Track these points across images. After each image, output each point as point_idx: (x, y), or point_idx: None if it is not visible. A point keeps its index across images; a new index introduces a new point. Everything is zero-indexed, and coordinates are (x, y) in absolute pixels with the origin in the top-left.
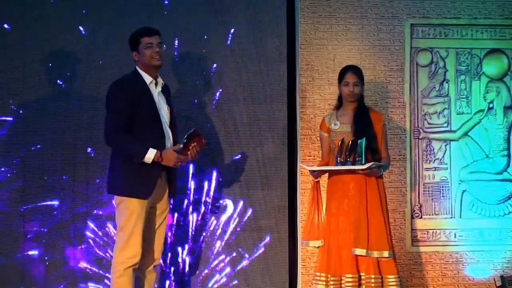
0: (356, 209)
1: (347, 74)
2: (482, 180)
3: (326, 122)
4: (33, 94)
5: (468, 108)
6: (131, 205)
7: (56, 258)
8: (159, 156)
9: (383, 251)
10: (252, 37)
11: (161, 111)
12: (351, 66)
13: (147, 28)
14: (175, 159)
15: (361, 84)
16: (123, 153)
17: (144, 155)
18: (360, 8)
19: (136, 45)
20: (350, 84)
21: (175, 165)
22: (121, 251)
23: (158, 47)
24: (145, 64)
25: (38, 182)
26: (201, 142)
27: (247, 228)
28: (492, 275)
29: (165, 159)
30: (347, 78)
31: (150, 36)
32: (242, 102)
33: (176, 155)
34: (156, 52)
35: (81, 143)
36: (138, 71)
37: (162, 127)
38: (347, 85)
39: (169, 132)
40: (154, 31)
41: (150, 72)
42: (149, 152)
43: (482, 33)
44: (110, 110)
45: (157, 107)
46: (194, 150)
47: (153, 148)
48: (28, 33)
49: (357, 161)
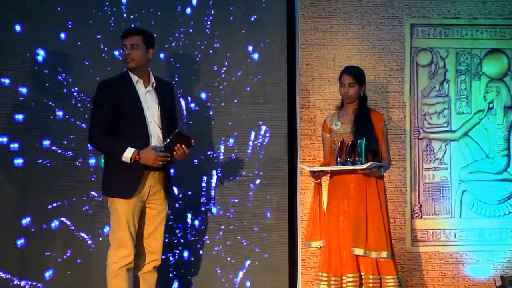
0: (356, 209)
1: (343, 75)
2: (482, 180)
3: (327, 123)
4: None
5: (468, 108)
6: (119, 206)
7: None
8: (136, 155)
9: (381, 252)
10: (252, 37)
11: (148, 110)
12: (347, 67)
13: (126, 29)
14: (153, 157)
15: (358, 84)
16: (104, 153)
17: (122, 154)
18: (360, 8)
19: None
20: (345, 85)
21: (154, 164)
22: (114, 251)
23: (131, 49)
24: None
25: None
26: (189, 143)
27: (247, 228)
28: (492, 275)
29: (143, 158)
30: (342, 79)
31: (124, 38)
32: (242, 102)
33: (155, 154)
34: (126, 54)
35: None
36: (127, 72)
37: (147, 126)
38: (343, 86)
39: (157, 131)
40: (128, 33)
41: (137, 72)
42: (127, 151)
43: (482, 33)
44: (92, 110)
45: (143, 106)
46: (181, 150)
47: (136, 148)
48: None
49: (357, 161)
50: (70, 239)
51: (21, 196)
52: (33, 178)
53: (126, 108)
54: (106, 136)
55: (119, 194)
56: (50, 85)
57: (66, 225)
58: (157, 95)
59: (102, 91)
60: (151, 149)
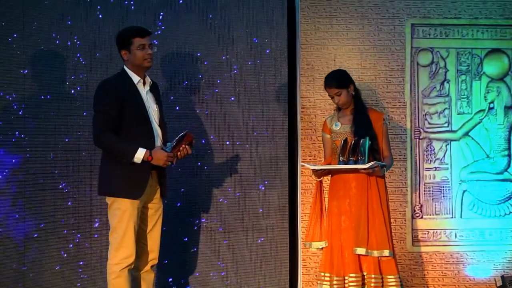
0: (357, 208)
1: (326, 89)
2: (482, 180)
3: (327, 124)
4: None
5: (469, 108)
6: (123, 206)
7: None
8: (148, 155)
9: (383, 250)
10: (253, 36)
11: (150, 110)
12: (326, 78)
13: (140, 28)
14: (165, 158)
15: (344, 89)
16: (112, 154)
17: (134, 155)
18: (361, 8)
19: (127, 45)
20: (333, 96)
21: (164, 165)
22: (115, 252)
23: (150, 49)
24: (135, 64)
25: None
26: (191, 143)
27: (247, 228)
28: (492, 275)
29: (155, 159)
30: (327, 92)
31: (144, 37)
32: (242, 102)
33: (166, 154)
34: (148, 54)
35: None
36: (126, 71)
37: (152, 126)
38: (331, 97)
39: (158, 131)
40: (147, 32)
41: (138, 72)
42: (139, 151)
43: (483, 33)
44: (97, 111)
45: (146, 106)
46: (185, 151)
47: (142, 148)
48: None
49: (360, 160)
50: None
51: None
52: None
53: (130, 108)
54: (114, 137)
55: (126, 195)
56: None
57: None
58: (153, 94)
59: (107, 90)
60: (160, 149)
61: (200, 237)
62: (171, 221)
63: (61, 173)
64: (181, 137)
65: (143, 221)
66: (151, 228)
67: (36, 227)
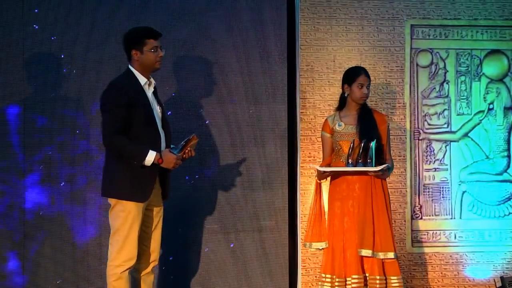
0: (361, 209)
1: (361, 76)
2: (482, 181)
3: (329, 123)
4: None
5: (468, 109)
6: (128, 208)
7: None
8: (159, 158)
9: (388, 252)
10: (252, 37)
11: (155, 111)
12: (362, 67)
13: (153, 29)
14: (174, 161)
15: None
16: (123, 156)
17: (145, 157)
18: (360, 9)
19: (139, 45)
20: (364, 86)
21: (173, 167)
22: (117, 254)
23: (161, 51)
24: (146, 65)
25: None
26: (195, 145)
27: (247, 228)
28: (492, 276)
29: (165, 161)
30: (361, 80)
31: (157, 39)
32: (242, 103)
33: (175, 157)
34: (160, 57)
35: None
36: (132, 72)
37: (158, 128)
38: (361, 87)
39: (162, 133)
40: (159, 34)
41: (145, 73)
42: (149, 154)
43: (482, 34)
44: (107, 113)
45: (152, 108)
46: (189, 154)
47: (152, 150)
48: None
49: (368, 163)
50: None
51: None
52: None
53: (139, 110)
54: (125, 139)
55: (133, 197)
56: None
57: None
58: (155, 96)
59: (118, 91)
60: (169, 151)
61: (200, 237)
62: (172, 221)
63: (60, 173)
64: (188, 140)
65: (145, 222)
66: (153, 229)
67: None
